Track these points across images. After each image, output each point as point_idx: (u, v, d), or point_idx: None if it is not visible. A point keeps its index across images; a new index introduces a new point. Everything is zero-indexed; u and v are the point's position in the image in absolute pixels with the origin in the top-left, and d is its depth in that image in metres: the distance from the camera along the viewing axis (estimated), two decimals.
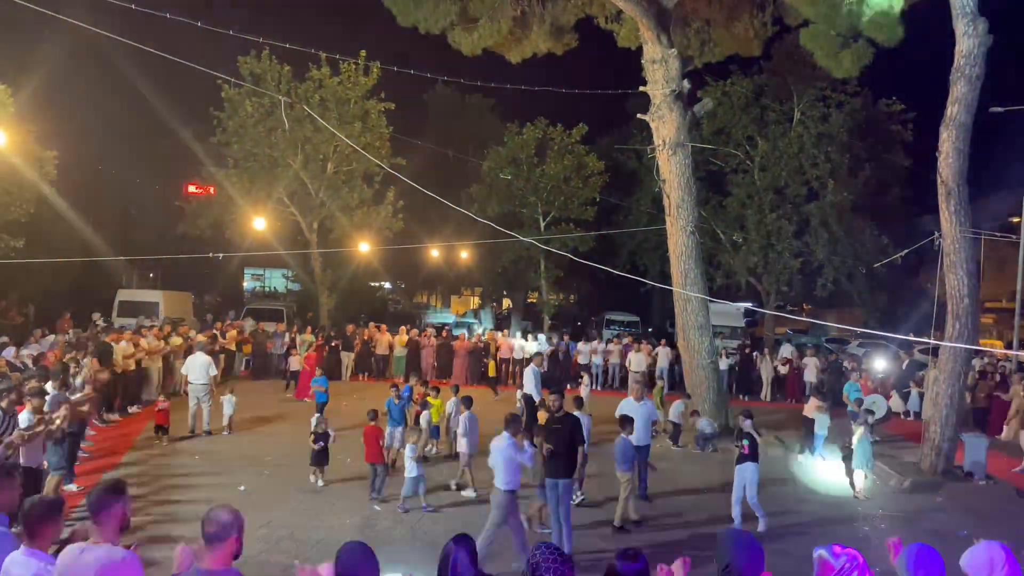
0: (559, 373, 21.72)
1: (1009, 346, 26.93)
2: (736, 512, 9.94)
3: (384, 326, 24.07)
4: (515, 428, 8.51)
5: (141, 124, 33.90)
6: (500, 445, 8.15)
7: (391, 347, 22.90)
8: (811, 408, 15.35)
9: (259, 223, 26.62)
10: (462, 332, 27.04)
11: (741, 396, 22.68)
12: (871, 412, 13.24)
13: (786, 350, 24.55)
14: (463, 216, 19.30)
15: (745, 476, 9.83)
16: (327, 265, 28.14)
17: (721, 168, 31.66)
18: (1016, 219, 25.13)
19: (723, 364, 20.43)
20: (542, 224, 31.19)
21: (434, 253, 37.62)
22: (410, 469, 10.10)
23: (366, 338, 23.15)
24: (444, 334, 24.85)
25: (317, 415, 10.95)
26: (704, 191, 29.20)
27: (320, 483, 10.77)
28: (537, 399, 14.65)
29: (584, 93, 20.64)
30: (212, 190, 29.89)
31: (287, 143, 25.77)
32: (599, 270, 16.30)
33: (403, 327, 24.08)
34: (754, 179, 30.59)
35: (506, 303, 47.10)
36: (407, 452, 10.25)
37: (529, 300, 41.15)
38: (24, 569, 3.76)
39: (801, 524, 10.24)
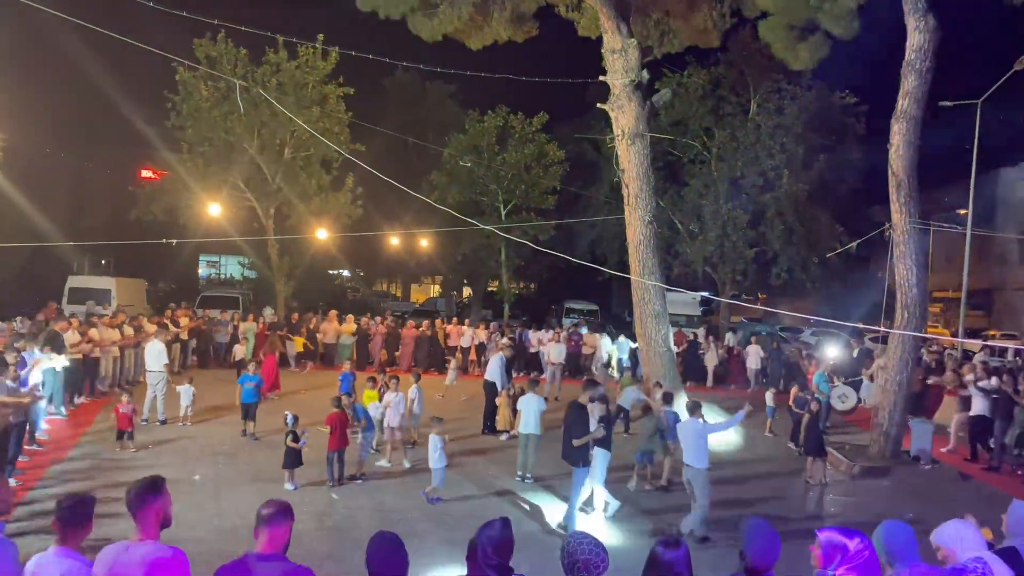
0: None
1: (955, 335, 27.69)
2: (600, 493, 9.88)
3: (333, 313, 23.75)
4: (697, 411, 9.26)
5: (92, 107, 33.06)
6: (689, 428, 8.96)
7: (338, 335, 22.59)
8: (769, 397, 15.70)
9: (214, 209, 26.15)
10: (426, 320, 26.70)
11: (688, 383, 22.98)
12: (818, 400, 13.59)
13: (730, 339, 24.88)
14: (423, 204, 19.23)
15: (596, 460, 9.64)
16: (284, 252, 27.78)
17: (679, 158, 31.98)
18: (963, 211, 25.79)
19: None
20: (503, 212, 31.18)
21: (394, 241, 37.36)
22: (436, 460, 10.04)
23: (312, 326, 22.83)
24: (425, 325, 23.95)
25: (289, 413, 10.69)
26: (662, 181, 29.46)
27: (293, 487, 10.20)
28: (501, 387, 14.72)
29: (545, 82, 20.65)
30: (166, 175, 29.28)
31: (243, 128, 25.33)
32: (560, 259, 16.38)
33: (349, 315, 23.77)
34: (711, 170, 30.96)
35: (467, 292, 47.03)
36: (436, 443, 10.08)
37: (490, 289, 41.15)
38: (56, 568, 3.67)
39: (751, 503, 10.45)
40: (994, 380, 14.10)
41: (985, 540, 4.12)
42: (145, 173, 33.60)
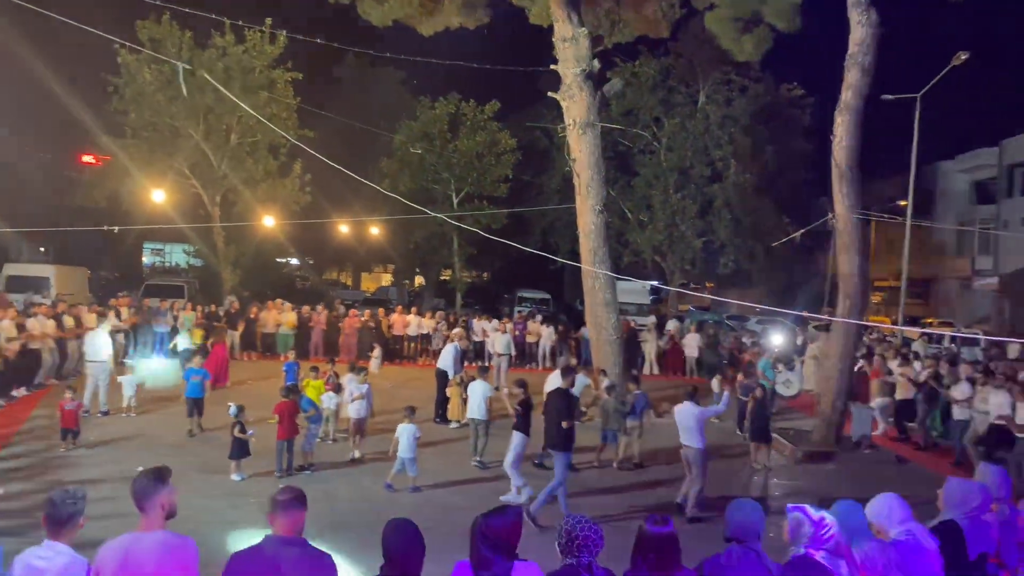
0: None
1: (896, 323, 28.50)
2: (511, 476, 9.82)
3: (273, 302, 23.39)
4: (694, 396, 9.86)
5: (30, 89, 31.84)
6: (686, 411, 9.52)
7: (278, 325, 22.20)
8: (715, 384, 15.97)
9: (158, 195, 25.53)
10: (369, 310, 26.45)
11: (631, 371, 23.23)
12: (763, 386, 13.90)
13: (670, 326, 25.20)
14: (374, 191, 19.01)
15: (512, 442, 9.76)
16: (230, 240, 27.28)
17: (629, 148, 32.25)
18: (903, 202, 26.52)
19: None
20: (455, 201, 31.07)
21: (343, 229, 36.93)
22: (408, 449, 10.00)
23: (252, 316, 22.40)
24: (367, 315, 23.50)
25: (232, 404, 10.49)
26: (613, 171, 29.67)
27: (240, 477, 10.11)
28: (452, 375, 14.72)
29: (496, 69, 20.60)
30: (108, 160, 28.46)
31: (188, 113, 24.76)
32: (512, 248, 16.38)
33: (288, 304, 23.40)
34: (660, 160, 31.31)
35: (419, 280, 46.80)
36: (411, 433, 10.07)
37: (442, 277, 40.99)
38: (48, 561, 3.60)
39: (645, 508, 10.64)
40: (917, 366, 14.66)
41: (910, 510, 4.35)
42: (86, 158, 32.58)
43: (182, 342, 18.31)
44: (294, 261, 43.86)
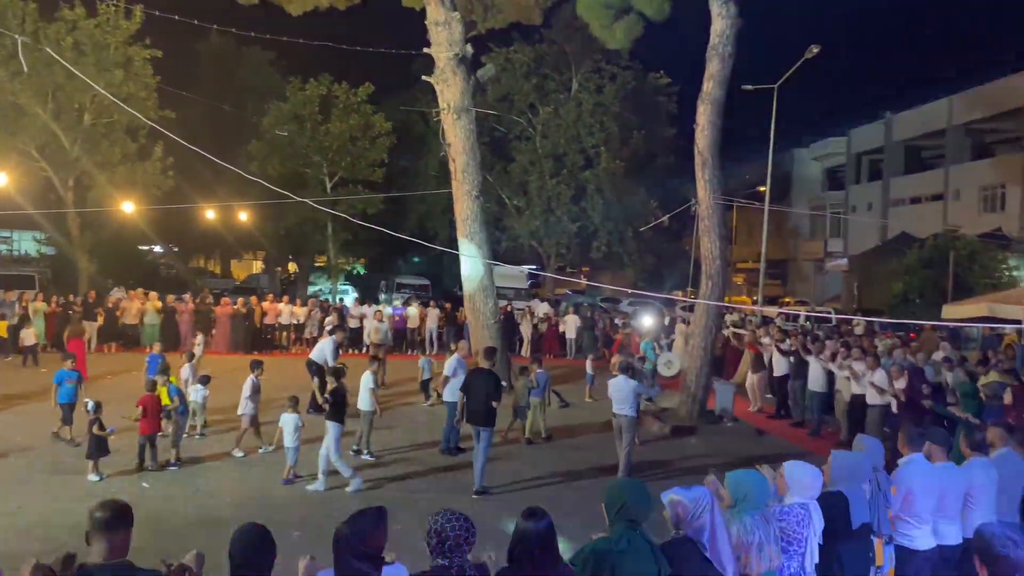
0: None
1: (756, 302, 30.15)
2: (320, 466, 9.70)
3: (135, 292, 22.24)
4: (628, 371, 10.45)
5: None
6: (620, 383, 10.26)
7: (142, 315, 21.14)
8: (589, 365, 16.41)
9: (0, 179, 23.64)
10: (245, 298, 25.47)
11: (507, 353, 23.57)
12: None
13: (542, 308, 25.73)
14: (242, 175, 18.30)
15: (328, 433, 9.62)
16: (86, 226, 25.63)
17: (505, 134, 32.48)
18: (762, 188, 28.02)
19: None
20: (328, 185, 30.37)
21: (209, 214, 35.34)
22: (293, 440, 9.82)
23: (111, 305, 21.26)
24: (240, 303, 22.49)
25: (90, 400, 9.84)
26: (489, 156, 29.82)
27: (98, 477, 9.49)
28: (330, 363, 14.43)
29: (368, 51, 20.24)
30: None
31: (34, 90, 23.01)
32: (390, 233, 16.16)
33: (153, 293, 22.36)
34: (536, 146, 31.70)
35: (292, 267, 45.52)
36: (295, 423, 9.87)
37: (317, 264, 40.04)
38: None
39: (575, 468, 10.95)
40: (789, 342, 15.53)
41: (820, 487, 4.56)
42: None
43: (31, 336, 17.15)
44: (158, 248, 41.68)
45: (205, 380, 12.07)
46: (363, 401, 11.19)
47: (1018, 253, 29.66)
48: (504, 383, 12.42)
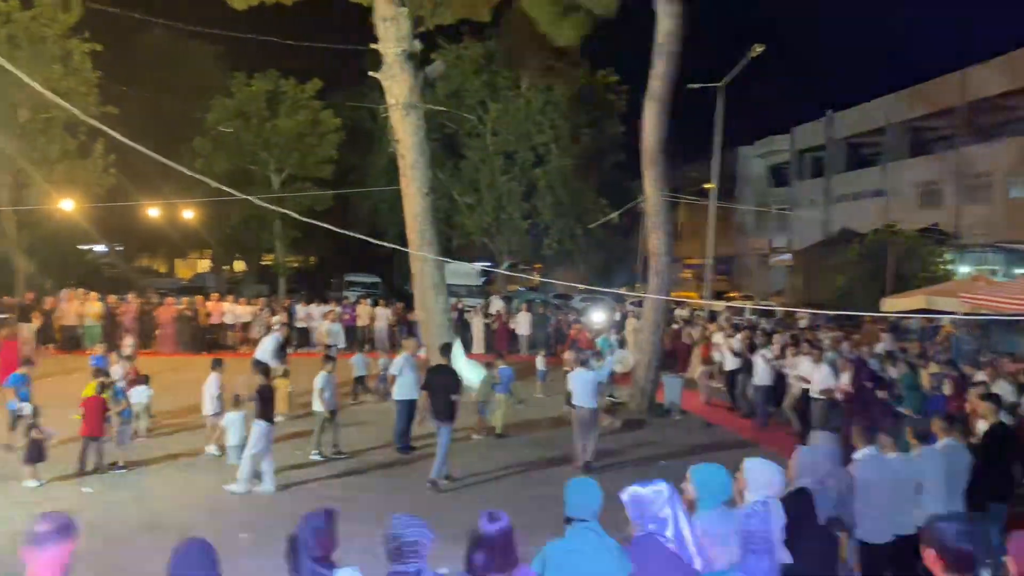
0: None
1: (703, 297, 30.61)
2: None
3: (75, 292, 21.65)
4: (587, 364, 11.02)
5: None
6: (580, 376, 10.73)
7: (81, 316, 20.61)
8: (540, 361, 16.53)
9: None
10: (187, 298, 24.93)
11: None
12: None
13: (495, 305, 25.78)
14: (187, 172, 17.91)
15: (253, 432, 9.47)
16: (23, 225, 24.83)
17: (455, 131, 32.41)
18: (709, 185, 28.45)
19: None
20: (275, 182, 29.93)
21: (153, 213, 34.51)
22: (239, 440, 9.87)
23: (49, 307, 20.67)
24: (185, 303, 22.19)
25: (27, 403, 9.51)
26: (440, 153, 29.74)
27: (37, 483, 9.24)
28: (276, 365, 14.25)
29: (315, 47, 20.02)
30: None
31: None
32: (338, 231, 15.97)
33: (93, 294, 21.80)
34: (486, 143, 31.70)
35: (239, 266, 44.77)
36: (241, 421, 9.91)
37: (264, 262, 39.42)
38: None
39: (527, 461, 11.03)
40: (739, 337, 15.82)
41: (782, 485, 4.54)
42: None
43: None
44: (101, 248, 40.61)
45: (143, 380, 11.82)
46: (315, 402, 11.14)
47: (953, 247, 30.67)
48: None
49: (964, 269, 29.29)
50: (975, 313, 14.76)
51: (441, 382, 10.19)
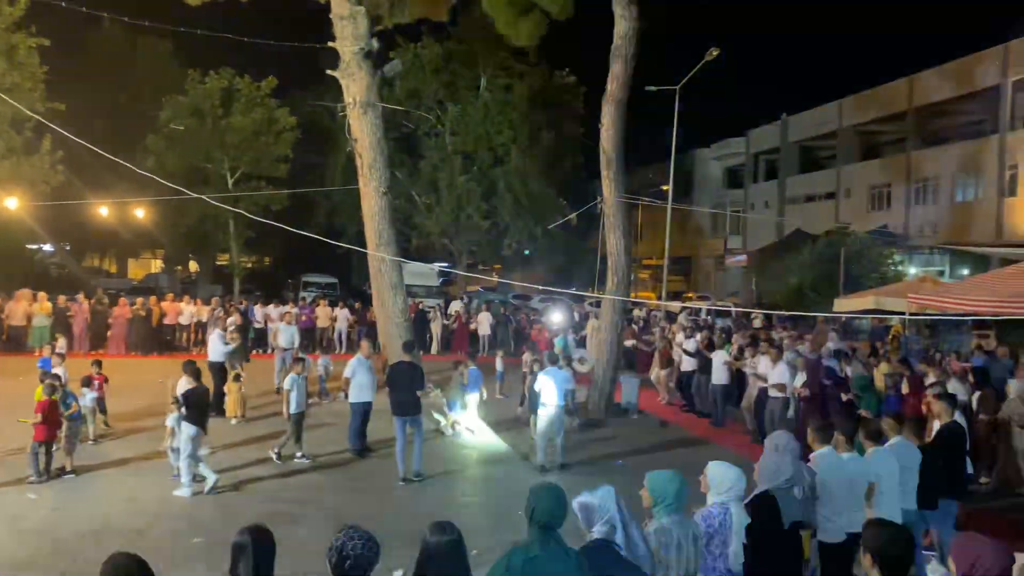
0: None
1: (660, 298, 30.93)
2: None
3: (22, 292, 21.10)
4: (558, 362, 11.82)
5: None
6: (552, 374, 11.09)
7: (29, 316, 20.06)
8: (499, 362, 16.56)
9: None
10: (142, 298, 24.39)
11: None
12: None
13: (455, 306, 25.73)
14: (137, 171, 17.55)
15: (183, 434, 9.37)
16: None
17: (414, 131, 32.26)
18: (666, 187, 28.71)
19: None
20: (230, 181, 29.46)
21: (104, 212, 33.73)
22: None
23: None
24: (139, 304, 21.76)
25: None
26: (399, 153, 29.58)
27: None
28: (227, 365, 14.07)
29: (273, 44, 19.76)
30: None
31: None
32: (293, 230, 15.78)
33: (42, 294, 21.23)
34: (445, 143, 31.62)
35: (193, 266, 43.99)
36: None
37: (219, 262, 38.77)
38: None
39: (487, 461, 11.02)
40: (697, 338, 15.96)
41: (742, 488, 4.62)
42: None
43: None
44: (49, 247, 39.59)
45: (87, 382, 11.54)
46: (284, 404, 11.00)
47: (903, 249, 31.42)
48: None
49: (912, 270, 30.01)
50: (921, 313, 15.15)
51: (405, 377, 10.31)
